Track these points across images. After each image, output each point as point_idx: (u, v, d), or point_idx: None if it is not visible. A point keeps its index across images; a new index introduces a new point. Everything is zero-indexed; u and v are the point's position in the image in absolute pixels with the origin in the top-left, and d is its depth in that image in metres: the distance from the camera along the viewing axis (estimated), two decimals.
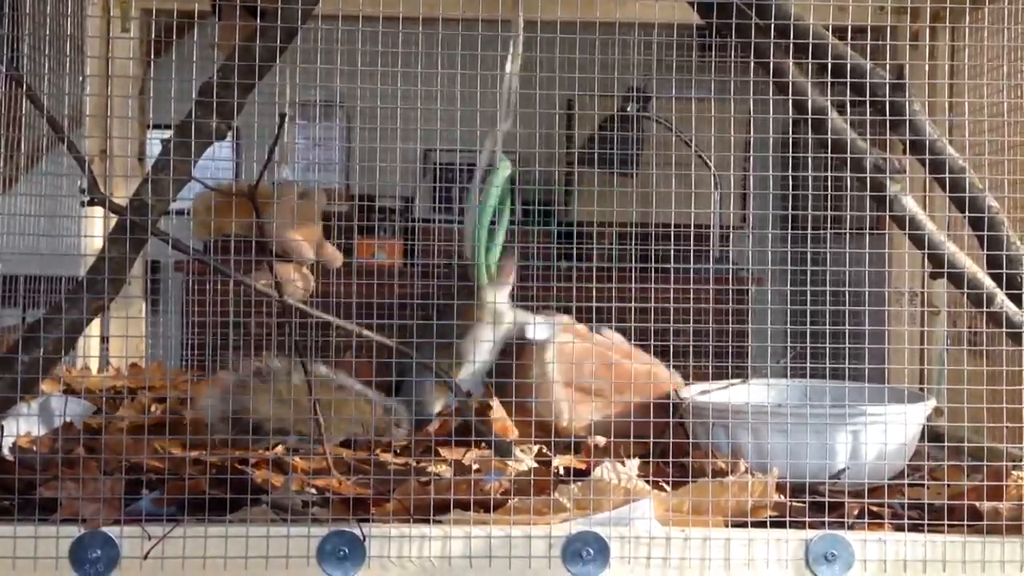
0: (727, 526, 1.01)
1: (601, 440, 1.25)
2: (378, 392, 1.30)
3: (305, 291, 1.36)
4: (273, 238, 1.31)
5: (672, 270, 1.26)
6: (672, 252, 1.30)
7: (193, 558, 0.94)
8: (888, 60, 1.13)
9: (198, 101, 1.03)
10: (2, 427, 1.06)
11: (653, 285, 1.15)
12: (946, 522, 1.01)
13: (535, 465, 1.18)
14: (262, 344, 1.61)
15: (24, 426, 1.19)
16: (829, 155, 1.16)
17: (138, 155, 1.82)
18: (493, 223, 1.33)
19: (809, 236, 1.15)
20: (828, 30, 1.13)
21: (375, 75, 1.10)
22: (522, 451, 1.22)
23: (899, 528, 1.02)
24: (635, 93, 2.64)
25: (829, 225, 1.16)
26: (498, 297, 1.37)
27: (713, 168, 1.92)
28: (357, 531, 0.96)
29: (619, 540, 0.98)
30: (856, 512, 1.05)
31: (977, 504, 1.03)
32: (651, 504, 1.00)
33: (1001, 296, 1.12)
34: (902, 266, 1.62)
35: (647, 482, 1.04)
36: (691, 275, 1.27)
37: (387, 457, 1.21)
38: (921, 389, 1.61)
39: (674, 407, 1.30)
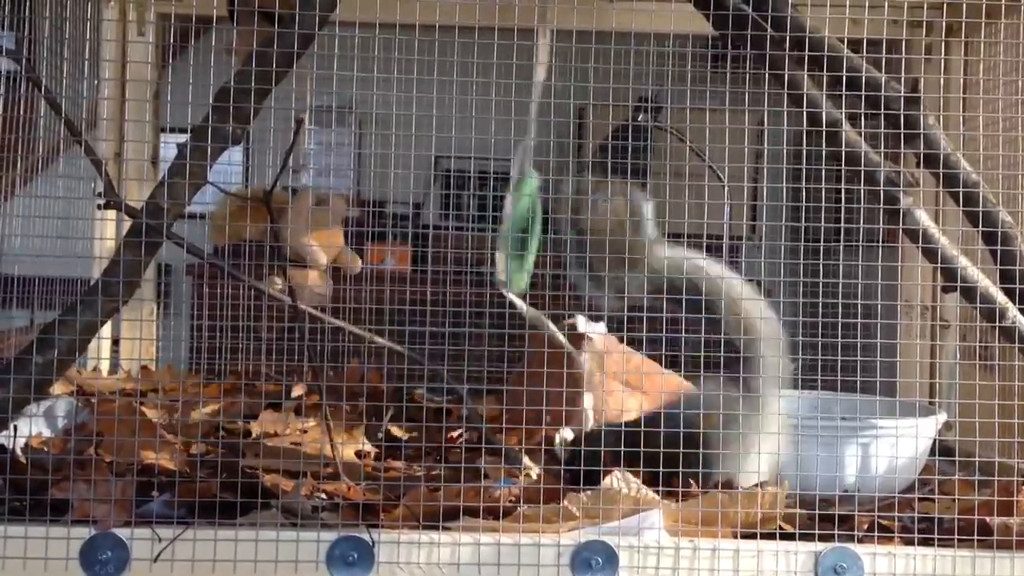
0: (736, 537, 1.01)
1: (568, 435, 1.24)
2: None
3: (326, 297, 1.36)
4: (287, 244, 1.31)
5: None
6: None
7: (203, 561, 0.95)
8: (902, 73, 1.13)
9: (214, 106, 1.04)
10: (16, 428, 1.06)
11: (665, 296, 1.15)
12: (956, 537, 1.01)
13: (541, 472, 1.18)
14: (272, 348, 1.62)
15: (34, 427, 1.19)
16: (842, 167, 1.16)
17: (151, 158, 1.83)
18: (524, 232, 1.31)
19: (822, 248, 1.15)
20: (843, 43, 1.13)
21: (388, 81, 1.11)
22: (530, 461, 1.22)
23: (909, 542, 1.02)
24: (647, 103, 2.65)
25: (841, 237, 1.16)
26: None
27: (725, 179, 1.92)
28: (366, 536, 0.96)
29: (628, 550, 0.98)
30: (866, 525, 1.05)
31: (987, 519, 1.02)
32: (661, 515, 1.00)
33: (1013, 311, 1.12)
34: (913, 279, 1.62)
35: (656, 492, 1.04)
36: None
37: None
38: (931, 403, 1.61)
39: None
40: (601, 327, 1.37)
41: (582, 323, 1.35)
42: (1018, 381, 1.13)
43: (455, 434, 1.38)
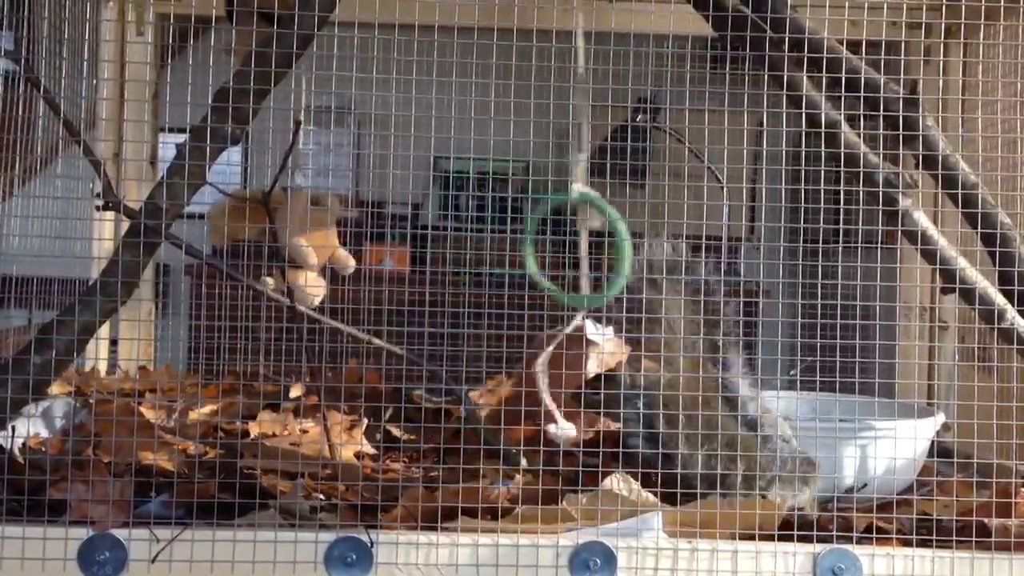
0: (735, 538, 1.01)
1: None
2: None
3: (318, 298, 1.36)
4: (285, 244, 1.31)
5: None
6: (681, 263, 1.30)
7: (201, 562, 0.94)
8: (901, 75, 1.13)
9: (213, 106, 1.03)
10: (14, 428, 1.06)
11: (663, 297, 1.15)
12: (954, 538, 1.01)
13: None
14: (271, 348, 1.62)
15: (32, 428, 1.19)
16: (841, 169, 1.16)
17: (150, 159, 1.83)
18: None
19: (820, 250, 1.15)
20: (842, 44, 1.13)
21: (387, 82, 1.11)
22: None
23: (907, 543, 1.02)
24: (646, 104, 2.65)
25: (840, 239, 1.16)
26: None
27: (724, 180, 1.93)
28: (365, 537, 0.96)
29: (626, 551, 0.98)
30: (864, 526, 1.05)
31: (986, 520, 1.03)
32: (659, 518, 1.00)
33: (1012, 312, 1.12)
34: (912, 281, 1.62)
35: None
36: (700, 287, 1.27)
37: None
38: (930, 404, 1.61)
39: None
40: (609, 331, 1.37)
41: (590, 327, 1.34)
42: (1016, 383, 1.13)
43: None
